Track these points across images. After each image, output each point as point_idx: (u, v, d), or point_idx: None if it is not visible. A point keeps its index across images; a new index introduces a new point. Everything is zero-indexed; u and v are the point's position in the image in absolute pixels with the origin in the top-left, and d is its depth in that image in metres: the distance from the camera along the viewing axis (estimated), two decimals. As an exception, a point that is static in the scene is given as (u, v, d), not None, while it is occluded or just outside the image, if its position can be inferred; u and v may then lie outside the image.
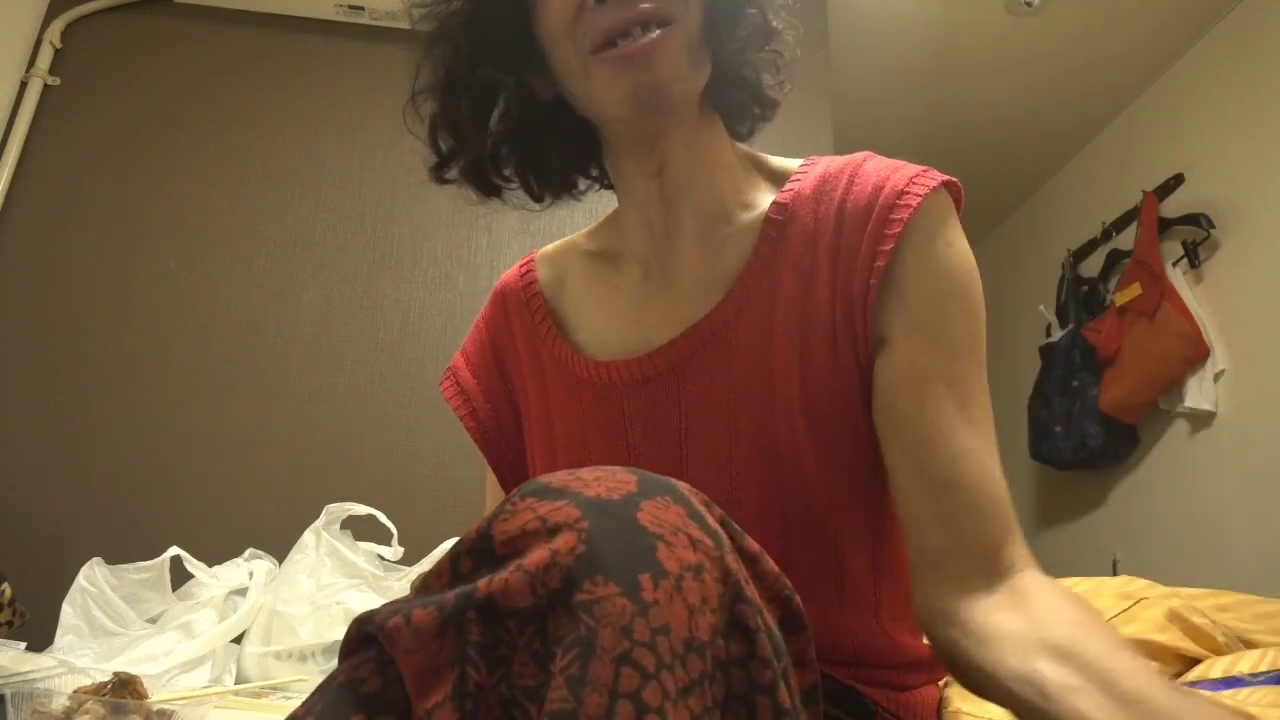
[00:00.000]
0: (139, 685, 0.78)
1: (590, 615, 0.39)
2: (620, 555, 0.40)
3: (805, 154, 0.76)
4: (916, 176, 0.67)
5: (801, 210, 0.69)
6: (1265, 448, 2.30)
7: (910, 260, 0.63)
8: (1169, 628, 0.92)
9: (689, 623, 0.40)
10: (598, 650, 0.38)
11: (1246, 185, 2.45)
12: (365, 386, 1.77)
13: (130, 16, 1.96)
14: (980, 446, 0.62)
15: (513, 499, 0.44)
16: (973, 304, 0.64)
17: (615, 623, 0.39)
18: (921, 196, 0.65)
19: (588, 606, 0.39)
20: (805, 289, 0.66)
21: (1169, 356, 2.53)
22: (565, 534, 0.41)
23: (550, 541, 0.41)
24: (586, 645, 0.38)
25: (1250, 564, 2.31)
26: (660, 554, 0.41)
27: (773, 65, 0.73)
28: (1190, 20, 2.59)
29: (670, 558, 0.41)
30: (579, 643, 0.38)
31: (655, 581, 0.40)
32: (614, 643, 0.38)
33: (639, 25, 0.61)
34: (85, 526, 1.60)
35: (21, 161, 1.80)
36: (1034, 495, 3.38)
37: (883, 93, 2.98)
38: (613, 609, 0.39)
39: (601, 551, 0.40)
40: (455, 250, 1.90)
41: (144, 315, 1.75)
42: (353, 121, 1.96)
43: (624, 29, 0.62)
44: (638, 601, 0.39)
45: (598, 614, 0.39)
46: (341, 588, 1.29)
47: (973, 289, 0.64)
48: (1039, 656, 0.50)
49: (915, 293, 0.63)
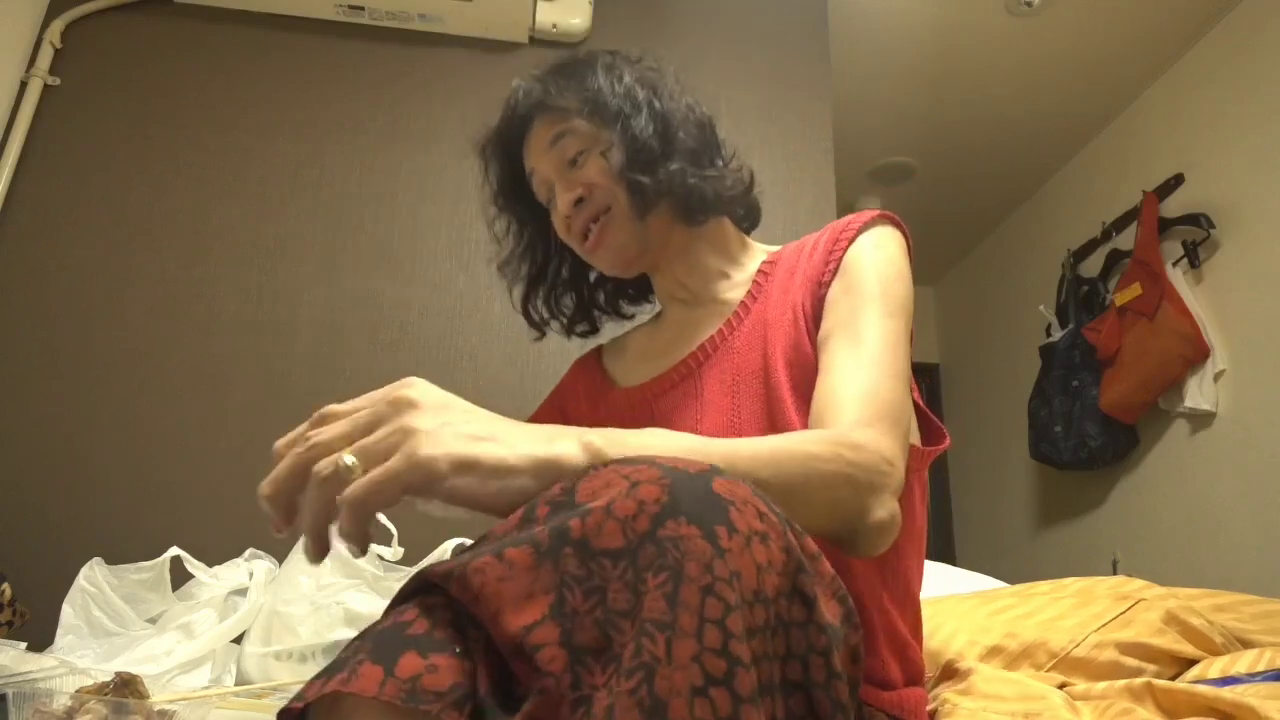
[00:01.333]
0: (140, 685, 0.78)
1: (676, 549, 0.44)
2: (698, 507, 0.45)
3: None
4: (864, 215, 0.89)
5: (784, 261, 0.93)
6: (1265, 448, 2.30)
7: (846, 262, 0.85)
8: (1166, 631, 0.92)
9: (757, 576, 0.45)
10: (685, 578, 0.43)
11: (1246, 185, 2.45)
12: (365, 386, 1.75)
13: (130, 16, 1.96)
14: (857, 367, 0.76)
15: (595, 467, 0.50)
16: (882, 287, 0.81)
17: (699, 559, 0.43)
18: (864, 223, 0.88)
19: (674, 541, 0.44)
20: (787, 300, 0.88)
21: (1169, 356, 2.53)
22: (648, 487, 0.46)
23: (634, 492, 0.46)
24: (675, 572, 0.43)
25: (1250, 564, 2.31)
26: (732, 515, 0.46)
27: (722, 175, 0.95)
28: (1190, 20, 2.59)
29: (740, 520, 0.46)
30: (668, 568, 0.43)
31: (729, 534, 0.45)
32: (699, 574, 0.43)
33: (591, 222, 0.92)
34: (85, 526, 1.60)
35: (21, 161, 1.80)
36: (1034, 495, 3.38)
37: (883, 93, 2.98)
38: (695, 547, 0.44)
39: (682, 501, 0.45)
40: (455, 250, 1.90)
41: (144, 315, 1.75)
42: (352, 121, 1.96)
43: (585, 228, 0.93)
44: (715, 545, 0.44)
45: (683, 548, 0.44)
46: (342, 588, 1.28)
47: (886, 275, 0.83)
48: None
49: (841, 281, 0.84)
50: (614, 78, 0.93)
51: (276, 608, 1.25)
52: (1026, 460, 3.21)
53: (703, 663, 0.42)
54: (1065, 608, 0.98)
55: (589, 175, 0.91)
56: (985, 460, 3.76)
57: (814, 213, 2.01)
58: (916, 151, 3.33)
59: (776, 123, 2.09)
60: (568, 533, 0.45)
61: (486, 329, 1.85)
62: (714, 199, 0.93)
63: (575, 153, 0.91)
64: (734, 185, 0.96)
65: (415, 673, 0.43)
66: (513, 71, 2.02)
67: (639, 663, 0.41)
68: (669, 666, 0.41)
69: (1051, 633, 0.93)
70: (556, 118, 0.92)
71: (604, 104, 0.91)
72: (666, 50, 2.13)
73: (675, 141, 0.91)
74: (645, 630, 0.42)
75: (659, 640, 0.42)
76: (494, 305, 1.86)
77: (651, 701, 0.40)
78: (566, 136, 0.91)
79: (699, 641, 0.42)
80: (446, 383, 0.60)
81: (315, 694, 0.44)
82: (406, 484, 0.50)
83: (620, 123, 0.90)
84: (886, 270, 0.83)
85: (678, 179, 0.89)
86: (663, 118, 0.92)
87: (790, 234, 1.96)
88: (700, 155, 0.94)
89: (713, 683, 0.42)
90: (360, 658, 0.44)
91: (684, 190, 0.90)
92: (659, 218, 0.92)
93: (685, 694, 0.41)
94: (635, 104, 0.91)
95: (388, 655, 0.44)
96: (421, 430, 0.52)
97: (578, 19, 2.05)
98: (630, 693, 0.41)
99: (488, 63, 2.05)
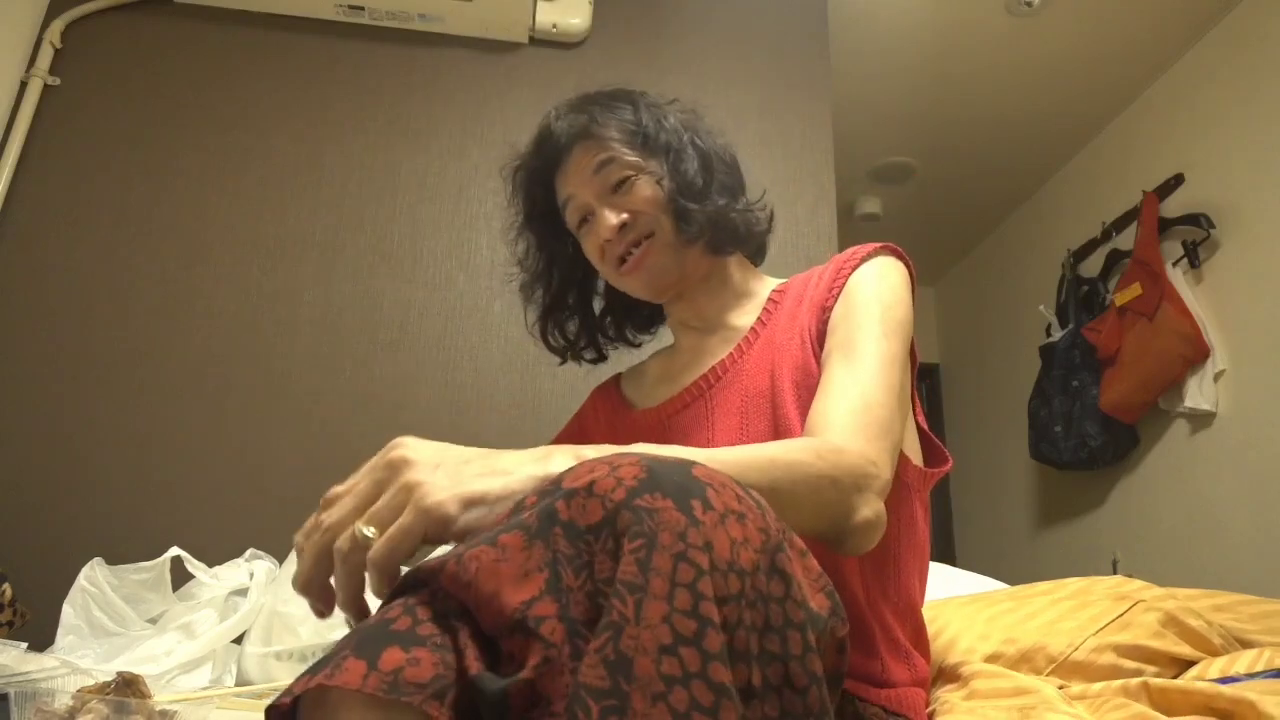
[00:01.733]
0: (142, 685, 0.78)
1: (651, 519, 0.46)
2: (675, 484, 0.48)
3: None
4: (869, 246, 0.93)
5: (793, 290, 0.99)
6: (1265, 448, 2.31)
7: (847, 292, 0.90)
8: (1164, 633, 0.92)
9: (731, 549, 0.47)
10: (659, 545, 0.45)
11: (1246, 185, 2.45)
12: (365, 386, 1.77)
13: (130, 16, 1.96)
14: (851, 383, 0.80)
15: (581, 462, 0.52)
16: (880, 309, 0.86)
17: (672, 528, 0.46)
18: (868, 252, 0.92)
19: (649, 512, 0.47)
20: (794, 325, 0.93)
21: (1169, 356, 2.53)
22: (628, 468, 0.49)
23: (615, 473, 0.49)
24: (650, 538, 0.46)
25: (1250, 564, 2.31)
26: (709, 494, 0.49)
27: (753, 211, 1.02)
28: (1190, 20, 2.59)
29: (717, 500, 0.49)
30: (642, 534, 0.46)
31: (704, 509, 0.48)
32: (671, 542, 0.46)
33: (633, 246, 0.96)
34: (85, 526, 1.59)
35: (21, 161, 1.80)
36: (1034, 495, 3.38)
37: (883, 93, 2.98)
38: (669, 518, 0.46)
39: (659, 479, 0.48)
40: (455, 250, 1.90)
41: (144, 315, 1.75)
42: (352, 121, 1.96)
43: (626, 252, 0.97)
44: (689, 516, 0.47)
45: (658, 519, 0.46)
46: (342, 588, 1.28)
47: (885, 300, 0.87)
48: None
49: (843, 304, 0.89)
50: (658, 115, 1.00)
51: (277, 608, 1.25)
52: (1026, 460, 3.21)
53: (672, 623, 0.44)
54: (1063, 610, 0.98)
55: (637, 201, 0.95)
56: (985, 460, 3.76)
57: (814, 213, 2.01)
58: (916, 151, 3.33)
59: (776, 123, 2.09)
60: (555, 514, 0.48)
61: (486, 329, 1.85)
62: (745, 233, 1.00)
63: (619, 179, 0.96)
64: (760, 222, 1.02)
65: (397, 666, 0.45)
66: (513, 71, 2.04)
67: (608, 622, 0.44)
68: (636, 626, 0.43)
69: (1050, 636, 0.93)
70: (600, 146, 0.97)
71: (652, 137, 0.97)
72: (666, 50, 2.13)
73: (715, 178, 0.98)
74: (617, 592, 0.44)
75: (629, 601, 0.44)
76: (494, 305, 1.86)
77: (616, 658, 0.43)
78: (612, 164, 0.96)
79: (669, 603, 0.44)
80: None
81: (301, 688, 0.46)
82: (421, 533, 0.53)
83: (670, 155, 0.96)
84: (887, 296, 0.87)
85: (720, 212, 0.96)
86: (705, 156, 0.99)
87: (790, 233, 1.98)
88: (735, 192, 1.01)
89: (682, 642, 0.44)
90: (344, 653, 0.46)
91: (724, 223, 0.97)
92: (695, 247, 0.97)
93: (653, 652, 0.43)
94: (681, 140, 0.98)
95: (371, 650, 0.46)
96: (423, 482, 0.55)
97: (578, 19, 2.05)
98: (596, 650, 0.43)
99: (488, 63, 2.05)
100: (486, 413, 1.78)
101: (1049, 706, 0.76)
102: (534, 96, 2.03)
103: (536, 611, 0.45)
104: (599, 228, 0.96)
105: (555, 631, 0.45)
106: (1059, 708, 0.76)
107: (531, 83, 2.04)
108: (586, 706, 0.42)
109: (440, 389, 1.78)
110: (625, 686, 0.42)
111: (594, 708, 0.42)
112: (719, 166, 1.00)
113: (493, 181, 1.96)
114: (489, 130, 2.00)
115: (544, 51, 2.07)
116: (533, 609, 0.45)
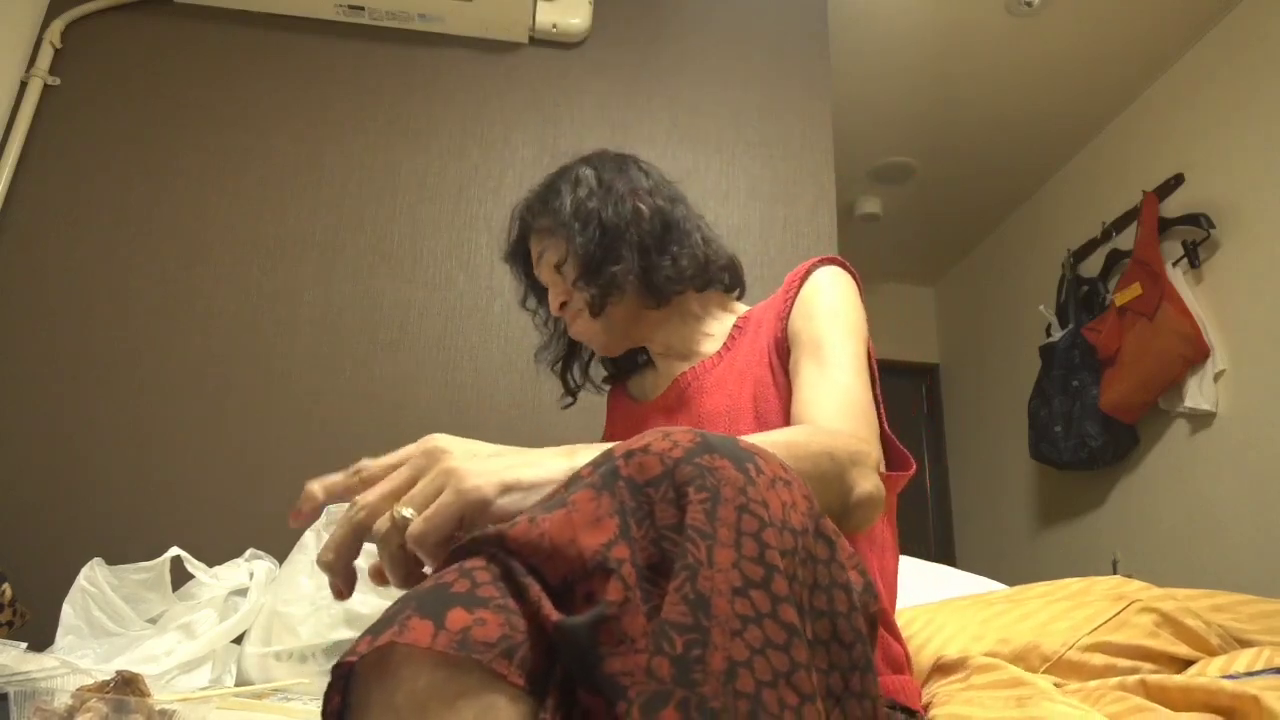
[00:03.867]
0: (141, 684, 0.78)
1: (713, 475, 0.49)
2: (728, 449, 0.51)
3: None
4: (814, 260, 1.01)
5: (755, 316, 1.06)
6: (1265, 448, 2.30)
7: (801, 299, 0.97)
8: (1159, 633, 0.91)
9: (783, 510, 0.50)
10: (722, 499, 0.48)
11: (1246, 185, 2.45)
12: (365, 386, 1.77)
13: (130, 16, 1.96)
14: (824, 379, 0.86)
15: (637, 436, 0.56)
16: (838, 314, 0.93)
17: (733, 484, 0.49)
18: (814, 264, 1.00)
19: (709, 470, 0.49)
20: (757, 346, 1.00)
21: (1169, 356, 2.53)
22: (681, 434, 0.52)
23: (670, 437, 0.52)
24: (714, 492, 0.48)
25: (1250, 564, 2.31)
26: (759, 460, 0.52)
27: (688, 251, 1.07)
28: (1190, 20, 2.59)
29: (766, 466, 0.52)
30: (706, 488, 0.48)
31: (757, 472, 0.51)
32: (734, 495, 0.48)
33: (573, 318, 1.09)
34: (85, 526, 1.59)
35: (21, 161, 1.80)
36: (1034, 495, 3.38)
37: (883, 93, 2.98)
38: (729, 475, 0.49)
39: (714, 444, 0.51)
40: (455, 250, 1.90)
41: (144, 315, 1.75)
42: (352, 121, 1.96)
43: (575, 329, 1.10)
44: (747, 476, 0.50)
45: (719, 476, 0.49)
46: (342, 588, 1.28)
47: (839, 307, 0.93)
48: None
49: (801, 316, 0.95)
50: (576, 192, 1.06)
51: (277, 608, 1.25)
52: (1026, 460, 3.21)
53: (741, 569, 0.46)
54: (1058, 611, 0.98)
55: (562, 284, 1.07)
56: (985, 460, 3.76)
57: (814, 213, 2.01)
58: (916, 151, 3.33)
59: (776, 123, 2.09)
60: (616, 471, 0.51)
61: (486, 329, 1.85)
62: (665, 283, 1.04)
63: (553, 264, 1.07)
64: (690, 266, 1.05)
65: (464, 625, 0.46)
66: (513, 71, 2.04)
67: (684, 564, 0.46)
68: (710, 569, 0.46)
69: (1043, 636, 0.93)
70: (539, 235, 1.09)
71: (566, 220, 1.05)
72: (666, 50, 2.13)
73: (623, 243, 1.03)
74: (689, 538, 0.47)
75: (701, 546, 0.47)
76: (494, 305, 1.86)
77: (695, 597, 0.45)
78: (547, 251, 1.08)
79: (736, 550, 0.47)
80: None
81: (367, 648, 0.46)
82: (459, 513, 0.55)
83: (569, 238, 1.04)
84: (840, 303, 0.94)
85: (619, 279, 1.03)
86: (609, 226, 1.03)
87: (790, 233, 1.98)
88: (651, 250, 1.04)
89: (751, 585, 0.46)
90: (408, 614, 0.47)
91: (635, 284, 1.04)
92: (621, 306, 1.05)
93: (726, 593, 0.45)
94: (585, 217, 1.04)
95: (435, 610, 0.47)
96: (461, 468, 0.57)
97: (578, 19, 2.05)
98: (676, 589, 0.46)
99: (488, 63, 2.05)
100: (486, 413, 1.78)
101: (1045, 695, 0.76)
102: (534, 96, 2.03)
103: (615, 554, 0.47)
104: (551, 306, 1.10)
105: (630, 575, 0.47)
106: (1055, 697, 0.76)
107: (531, 83, 2.04)
108: (671, 640, 0.44)
109: (440, 389, 1.78)
110: (705, 622, 0.45)
111: (678, 640, 0.44)
112: (634, 227, 1.04)
113: (492, 181, 1.96)
114: (489, 130, 2.00)
115: (544, 51, 2.07)
116: (613, 551, 0.47)
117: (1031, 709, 0.72)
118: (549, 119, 2.02)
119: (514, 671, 0.46)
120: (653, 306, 1.07)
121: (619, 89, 2.07)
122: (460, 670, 0.46)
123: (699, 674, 0.44)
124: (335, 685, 0.49)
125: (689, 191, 1.16)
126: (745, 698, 0.44)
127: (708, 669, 0.44)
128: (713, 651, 0.44)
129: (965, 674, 0.87)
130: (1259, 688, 0.68)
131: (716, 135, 2.05)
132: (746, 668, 0.44)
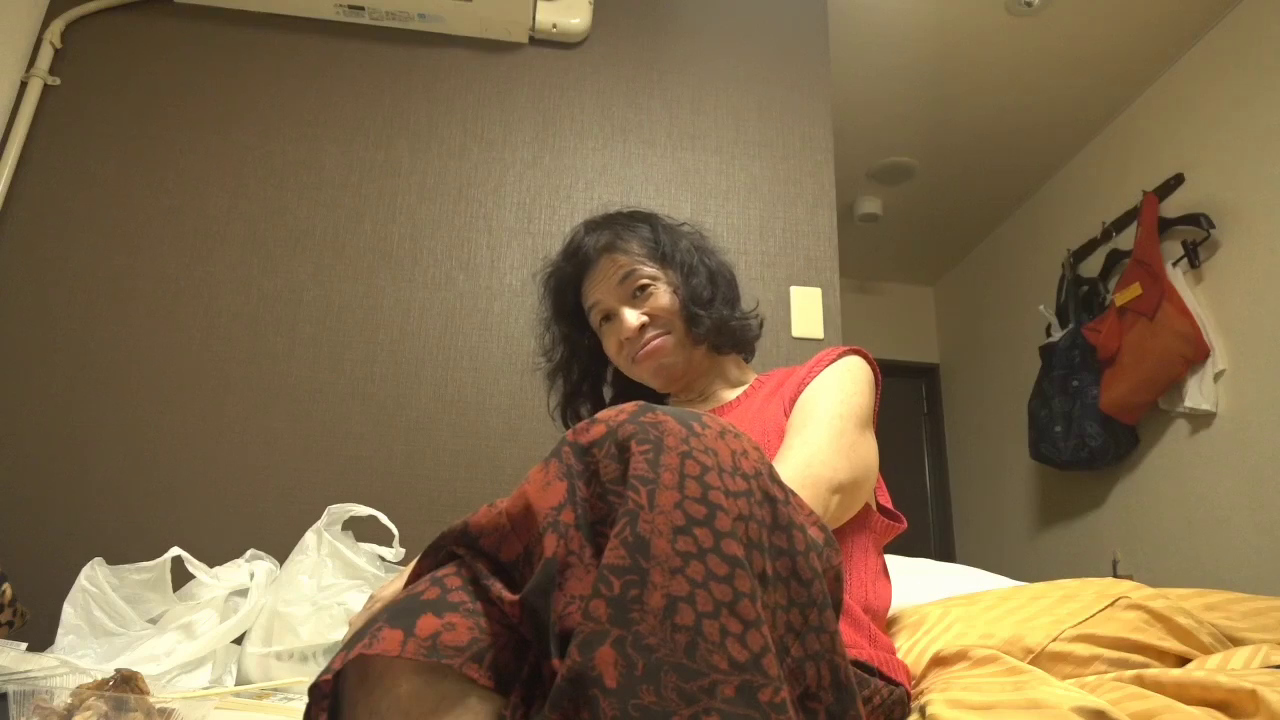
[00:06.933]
0: (141, 682, 0.78)
1: (655, 429, 0.51)
2: (673, 411, 0.54)
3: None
4: (844, 348, 1.09)
5: (774, 377, 1.16)
6: (1265, 448, 2.30)
7: (823, 375, 1.03)
8: (1147, 628, 0.90)
9: (732, 457, 0.52)
10: (665, 447, 0.50)
11: (1246, 185, 2.45)
12: (365, 386, 1.77)
13: (130, 16, 1.96)
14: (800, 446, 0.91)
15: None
16: (843, 392, 0.99)
17: (675, 434, 0.51)
18: (843, 352, 1.07)
19: (653, 424, 0.52)
20: (775, 396, 1.07)
21: (1169, 356, 2.53)
22: (628, 405, 0.55)
23: (618, 410, 0.55)
24: (656, 443, 0.51)
25: (1250, 564, 2.31)
26: (704, 419, 0.54)
27: (749, 320, 1.21)
28: (1190, 20, 2.59)
29: (713, 422, 0.54)
30: (648, 440, 0.51)
31: (702, 427, 0.53)
32: (676, 444, 0.51)
33: (650, 342, 1.14)
34: (85, 526, 1.59)
35: (21, 161, 1.80)
36: (1034, 495, 3.38)
37: (883, 93, 2.98)
38: (671, 427, 0.52)
39: (657, 408, 0.54)
40: (455, 250, 1.90)
41: (144, 315, 1.75)
42: (352, 121, 1.96)
43: (642, 347, 1.14)
44: (689, 429, 0.52)
45: (661, 428, 0.51)
46: (343, 589, 1.28)
47: (847, 387, 1.00)
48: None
49: (813, 387, 1.02)
50: (674, 234, 1.19)
51: (277, 608, 1.25)
52: (1026, 460, 3.21)
53: (684, 508, 0.48)
54: (1044, 606, 0.97)
55: (655, 305, 1.14)
56: (985, 460, 3.76)
57: (814, 213, 2.01)
58: (916, 151, 3.33)
59: (776, 123, 2.09)
60: (564, 440, 0.54)
61: (486, 329, 1.85)
62: (741, 338, 1.19)
63: (639, 286, 1.14)
64: (753, 329, 1.21)
65: (434, 631, 0.48)
66: (513, 71, 2.04)
67: (624, 511, 0.48)
68: (650, 512, 0.48)
69: (1027, 629, 0.92)
70: (624, 259, 1.15)
71: (668, 253, 1.16)
72: (666, 50, 2.13)
73: (719, 292, 1.18)
74: (630, 485, 0.49)
75: (642, 492, 0.49)
76: (494, 305, 1.86)
77: (634, 539, 0.47)
78: (633, 274, 1.14)
79: (680, 491, 0.49)
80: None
81: (341, 663, 0.48)
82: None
83: (684, 269, 1.15)
84: (849, 387, 1.01)
85: (723, 320, 1.16)
86: (711, 272, 1.18)
87: (790, 233, 1.98)
88: (734, 304, 1.21)
89: (695, 523, 0.48)
90: (379, 625, 0.48)
91: (726, 329, 1.16)
92: (700, 347, 1.16)
93: (667, 534, 0.47)
94: (693, 258, 1.17)
95: (405, 619, 0.48)
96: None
97: (578, 19, 2.05)
98: (615, 534, 0.47)
99: (488, 63, 2.05)
100: (486, 413, 1.78)
101: (1043, 680, 0.76)
102: (534, 96, 2.03)
103: (564, 518, 0.50)
104: (620, 327, 1.14)
105: (574, 538, 0.49)
106: (1053, 682, 0.76)
107: (531, 83, 2.04)
108: (609, 582, 0.46)
109: (440, 389, 1.78)
110: (644, 564, 0.46)
111: (615, 582, 0.46)
112: (722, 282, 1.19)
113: (492, 181, 1.96)
114: (489, 130, 2.00)
115: (544, 51, 2.08)
116: (562, 514, 0.50)
117: (1029, 691, 0.72)
118: (549, 119, 2.02)
119: (484, 674, 0.48)
120: (714, 354, 1.18)
121: (619, 89, 2.07)
122: (437, 675, 0.48)
123: (636, 613, 0.45)
124: (316, 703, 0.51)
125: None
126: (684, 630, 0.45)
127: (645, 607, 0.45)
128: (651, 591, 0.46)
129: (966, 665, 0.87)
130: (1256, 682, 0.67)
131: (716, 135, 2.05)
132: (687, 602, 0.46)
